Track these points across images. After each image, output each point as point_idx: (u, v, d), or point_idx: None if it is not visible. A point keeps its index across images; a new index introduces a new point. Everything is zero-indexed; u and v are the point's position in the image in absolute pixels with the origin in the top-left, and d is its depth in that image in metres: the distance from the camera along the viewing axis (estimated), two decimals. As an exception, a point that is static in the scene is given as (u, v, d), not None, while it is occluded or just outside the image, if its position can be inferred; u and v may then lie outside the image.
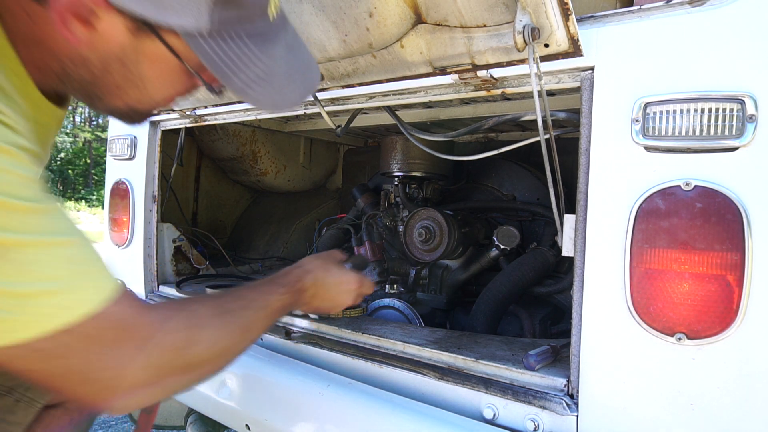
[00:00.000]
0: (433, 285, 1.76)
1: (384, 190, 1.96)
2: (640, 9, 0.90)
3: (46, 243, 0.59)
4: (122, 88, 0.73)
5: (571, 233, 0.99)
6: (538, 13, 0.83)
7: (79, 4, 0.63)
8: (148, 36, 0.67)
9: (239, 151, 2.30)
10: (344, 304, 1.10)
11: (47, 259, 0.58)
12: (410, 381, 1.16)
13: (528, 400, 0.99)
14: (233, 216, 2.68)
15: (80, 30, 0.65)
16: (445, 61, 1.02)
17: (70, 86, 0.74)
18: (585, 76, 0.96)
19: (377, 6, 0.94)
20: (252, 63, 0.70)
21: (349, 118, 1.48)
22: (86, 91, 0.74)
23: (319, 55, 1.11)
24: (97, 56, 0.68)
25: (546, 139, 0.98)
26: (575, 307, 0.96)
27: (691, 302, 0.84)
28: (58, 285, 0.59)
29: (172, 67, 0.72)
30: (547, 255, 1.57)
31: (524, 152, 1.90)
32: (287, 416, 1.21)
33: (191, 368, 0.73)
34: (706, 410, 0.83)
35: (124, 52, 0.68)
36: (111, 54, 0.68)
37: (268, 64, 0.72)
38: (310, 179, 2.67)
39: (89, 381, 0.64)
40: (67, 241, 0.61)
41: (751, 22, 0.81)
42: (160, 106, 0.80)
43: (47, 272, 0.58)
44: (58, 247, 0.60)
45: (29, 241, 0.57)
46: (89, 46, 0.67)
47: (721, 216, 0.82)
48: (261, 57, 0.71)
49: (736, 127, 0.81)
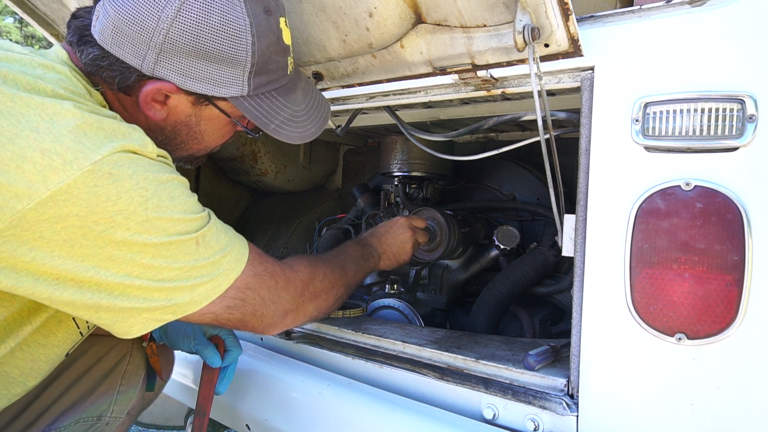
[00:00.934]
0: (433, 285, 1.76)
1: (384, 190, 1.96)
2: (640, 9, 0.90)
3: (213, 227, 0.88)
4: (187, 142, 0.99)
5: (571, 233, 0.99)
6: (538, 13, 0.83)
7: (157, 92, 0.88)
8: (206, 104, 0.93)
9: (239, 151, 2.30)
10: (407, 238, 1.39)
11: (217, 235, 0.88)
12: (410, 381, 1.16)
13: (528, 400, 0.99)
14: (233, 216, 2.68)
15: (158, 109, 0.90)
16: (445, 61, 1.02)
17: None
18: (585, 76, 0.96)
19: (377, 6, 0.94)
20: (280, 110, 0.95)
21: (349, 118, 1.48)
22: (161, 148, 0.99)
23: (319, 55, 1.11)
24: (169, 124, 0.94)
25: (546, 139, 0.98)
26: (575, 307, 0.96)
27: (691, 302, 0.84)
28: (228, 248, 0.89)
29: (222, 123, 0.98)
30: (547, 255, 1.57)
31: (524, 152, 1.90)
32: (287, 416, 1.21)
33: (316, 296, 1.06)
34: (706, 410, 0.83)
35: (189, 119, 0.94)
36: (179, 121, 0.94)
37: (292, 108, 0.97)
38: (310, 179, 2.67)
39: (259, 315, 0.95)
40: (215, 223, 0.90)
41: (751, 23, 0.81)
42: (212, 150, 1.07)
43: (221, 243, 0.88)
44: (217, 227, 0.90)
45: (206, 230, 0.86)
46: (163, 118, 0.92)
47: (721, 216, 0.82)
48: (286, 104, 0.96)
49: (736, 127, 0.81)
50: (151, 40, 0.82)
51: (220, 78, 0.87)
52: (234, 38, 0.84)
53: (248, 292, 0.92)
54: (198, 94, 0.89)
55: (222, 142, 1.05)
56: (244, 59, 0.86)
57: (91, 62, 0.86)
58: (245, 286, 0.91)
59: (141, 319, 0.82)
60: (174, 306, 0.83)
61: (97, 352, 1.18)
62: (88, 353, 1.16)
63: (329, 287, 1.08)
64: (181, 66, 0.85)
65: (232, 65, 0.86)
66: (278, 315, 0.98)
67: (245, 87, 0.89)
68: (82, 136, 0.73)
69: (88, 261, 0.74)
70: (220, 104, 0.92)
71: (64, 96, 0.77)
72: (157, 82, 0.86)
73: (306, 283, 1.02)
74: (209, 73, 0.86)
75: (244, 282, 0.91)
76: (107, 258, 0.75)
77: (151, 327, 0.83)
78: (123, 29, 0.83)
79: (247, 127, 1.00)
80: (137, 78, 0.86)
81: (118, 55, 0.84)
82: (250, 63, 0.86)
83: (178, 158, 1.03)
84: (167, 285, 0.80)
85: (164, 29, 0.81)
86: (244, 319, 0.93)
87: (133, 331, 0.82)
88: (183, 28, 0.81)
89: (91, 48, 0.86)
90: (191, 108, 0.93)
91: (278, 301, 0.97)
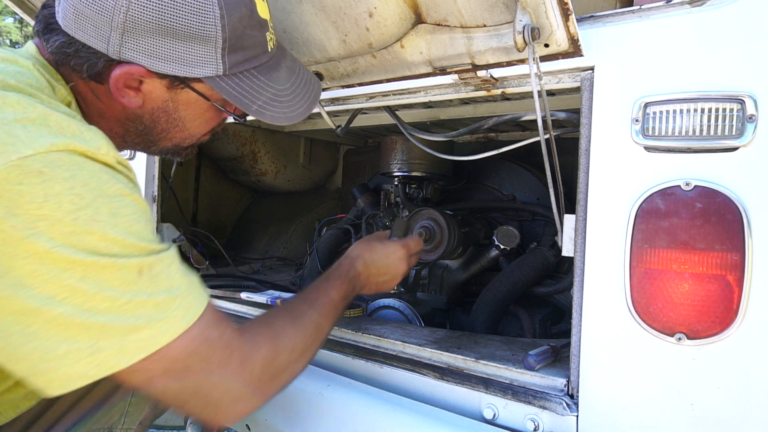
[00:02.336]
0: (433, 285, 1.76)
1: (384, 190, 1.96)
2: (640, 9, 0.90)
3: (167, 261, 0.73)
4: (169, 131, 0.92)
5: (571, 233, 0.99)
6: (538, 13, 0.83)
7: (128, 77, 0.82)
8: (181, 88, 0.86)
9: (239, 151, 2.30)
10: (401, 272, 1.22)
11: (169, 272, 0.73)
12: (410, 381, 1.16)
13: (528, 400, 0.99)
14: (233, 216, 2.68)
15: (132, 95, 0.84)
16: (445, 61, 1.02)
17: (130, 141, 0.94)
18: (585, 76, 0.96)
19: (377, 6, 0.94)
20: (263, 90, 0.88)
21: (349, 118, 1.48)
22: (142, 140, 0.93)
23: (319, 55, 1.11)
24: (147, 111, 0.88)
25: (546, 139, 0.98)
26: (575, 307, 0.96)
27: (691, 302, 0.84)
28: (180, 292, 0.73)
29: (203, 107, 0.91)
30: (547, 255, 1.57)
31: (524, 152, 1.90)
32: (287, 416, 1.21)
33: (280, 374, 0.85)
34: (706, 410, 0.83)
35: (165, 104, 0.88)
36: (156, 108, 0.88)
37: (276, 87, 0.90)
38: (310, 179, 2.67)
39: (202, 395, 0.76)
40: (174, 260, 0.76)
41: (751, 23, 0.81)
42: (200, 139, 1.00)
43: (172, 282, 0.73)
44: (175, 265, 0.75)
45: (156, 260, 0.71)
46: (140, 106, 0.86)
47: (721, 216, 0.82)
48: (269, 83, 0.89)
49: (736, 127, 0.81)
50: (112, 19, 0.76)
51: (191, 57, 0.81)
52: (200, 12, 0.78)
53: (194, 360, 0.73)
54: (171, 77, 0.83)
55: (208, 129, 0.98)
56: (213, 35, 0.80)
57: (58, 51, 0.81)
58: (191, 350, 0.72)
59: (60, 374, 0.65)
60: (98, 355, 0.65)
61: None
62: None
63: (299, 356, 0.89)
64: (148, 46, 0.79)
65: (201, 42, 0.80)
66: (227, 401, 0.78)
67: (220, 66, 0.83)
68: (18, 129, 0.65)
69: (7, 276, 0.62)
70: (196, 86, 0.86)
71: (16, 88, 0.71)
72: (125, 65, 0.80)
73: (267, 363, 0.82)
74: (178, 52, 0.80)
75: (191, 345, 0.72)
76: (29, 273, 0.63)
77: (70, 385, 0.66)
78: (83, 11, 0.77)
79: (229, 110, 0.94)
80: (106, 63, 0.80)
81: (83, 40, 0.79)
82: (221, 39, 0.80)
83: (164, 150, 0.98)
84: (94, 320, 0.65)
85: (123, 6, 0.76)
86: (182, 394, 0.74)
87: (51, 387, 0.66)
88: (143, 3, 0.76)
89: (57, 35, 0.81)
90: (167, 93, 0.86)
91: (229, 383, 0.77)
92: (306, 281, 1.94)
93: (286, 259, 2.45)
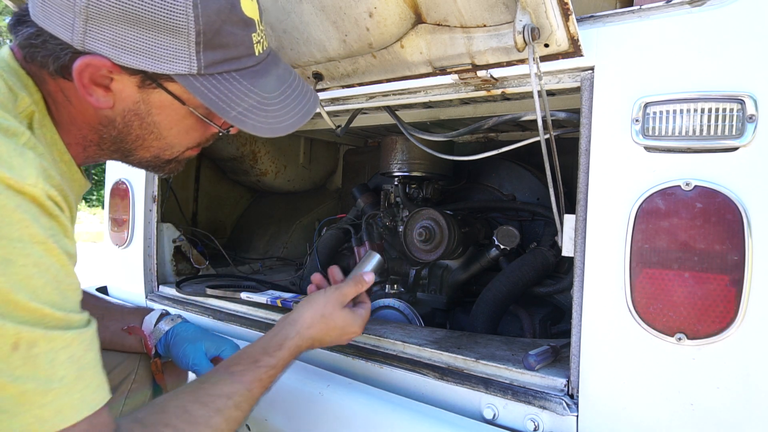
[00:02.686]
0: (433, 285, 1.76)
1: (384, 190, 1.96)
2: (640, 9, 0.90)
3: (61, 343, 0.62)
4: (144, 138, 0.84)
5: (571, 233, 0.99)
6: (538, 13, 0.83)
7: (95, 71, 0.74)
8: (153, 88, 0.78)
9: (239, 151, 2.30)
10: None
11: (55, 357, 0.61)
12: (410, 381, 1.16)
13: (528, 400, 0.99)
14: (233, 216, 2.68)
15: (101, 95, 0.76)
16: (445, 61, 1.02)
17: (107, 149, 0.86)
18: (585, 76, 0.96)
19: (377, 6, 0.94)
20: (245, 95, 0.79)
21: (349, 118, 1.48)
22: (118, 148, 0.85)
23: (319, 55, 1.11)
24: (119, 114, 0.80)
25: (546, 139, 0.98)
26: (575, 307, 0.96)
27: (691, 302, 0.84)
28: (62, 386, 0.61)
29: (180, 113, 0.82)
30: (547, 255, 1.57)
31: (524, 152, 1.90)
32: (287, 416, 1.21)
33: None
34: (706, 410, 0.83)
35: (137, 106, 0.79)
36: (128, 110, 0.80)
37: (261, 95, 0.82)
38: (310, 179, 2.67)
39: None
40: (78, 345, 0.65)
41: (751, 23, 0.81)
42: (183, 153, 0.91)
43: (56, 371, 0.61)
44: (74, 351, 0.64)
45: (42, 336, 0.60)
46: (111, 108, 0.79)
47: (721, 216, 0.82)
48: (253, 89, 0.80)
49: (736, 127, 0.81)
50: (75, 3, 0.69)
51: (160, 50, 0.72)
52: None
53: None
54: (140, 73, 0.75)
55: (191, 141, 0.89)
56: (185, 26, 0.71)
57: (26, 43, 0.75)
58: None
59: None
60: None
61: None
62: None
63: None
64: (113, 35, 0.71)
65: (171, 33, 0.72)
66: None
67: (194, 63, 0.74)
68: None
69: None
70: (168, 86, 0.78)
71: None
72: (88, 56, 0.72)
73: None
74: (146, 43, 0.72)
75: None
76: None
77: None
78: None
79: (211, 120, 0.85)
80: (72, 56, 0.72)
81: (49, 30, 0.72)
82: (193, 31, 0.72)
83: (143, 161, 0.89)
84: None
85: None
86: None
87: None
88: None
89: (27, 27, 0.75)
90: (138, 92, 0.78)
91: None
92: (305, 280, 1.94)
93: (286, 259, 2.45)
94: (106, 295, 2.01)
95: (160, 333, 1.18)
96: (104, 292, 2.03)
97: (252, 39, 0.81)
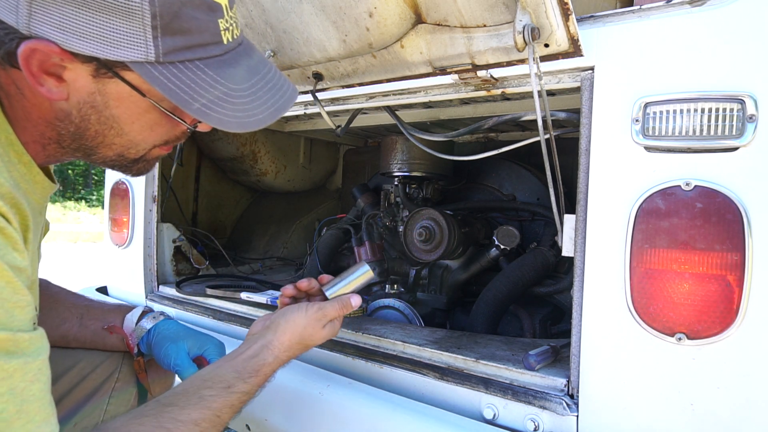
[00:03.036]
0: (433, 285, 1.76)
1: (384, 190, 1.96)
2: (640, 9, 0.90)
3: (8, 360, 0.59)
4: (104, 134, 0.76)
5: (571, 233, 0.99)
6: (538, 13, 0.83)
7: (44, 58, 0.67)
8: (108, 77, 0.70)
9: (239, 151, 2.30)
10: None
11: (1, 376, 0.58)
12: (410, 381, 1.16)
13: (528, 400, 0.99)
14: (233, 216, 2.68)
15: (53, 85, 0.69)
16: (445, 61, 1.02)
17: (67, 147, 0.78)
18: (585, 76, 0.96)
19: (377, 6, 0.94)
20: (209, 86, 0.72)
21: (349, 118, 1.48)
22: (79, 146, 0.78)
23: (319, 55, 1.11)
24: (74, 107, 0.73)
25: (546, 139, 0.98)
26: (575, 307, 0.96)
27: (691, 302, 0.84)
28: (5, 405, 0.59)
29: (141, 106, 0.75)
30: (547, 255, 1.57)
31: (524, 152, 1.91)
32: (287, 416, 1.21)
33: None
34: (706, 410, 0.83)
35: (93, 97, 0.72)
36: (83, 102, 0.72)
37: (228, 86, 0.74)
38: (310, 179, 2.67)
39: None
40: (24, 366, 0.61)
41: (751, 22, 0.81)
42: (150, 152, 0.82)
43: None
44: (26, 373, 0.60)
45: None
46: (66, 99, 0.71)
47: (721, 216, 0.82)
48: (218, 80, 0.73)
49: (736, 127, 0.81)
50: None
51: (113, 34, 0.66)
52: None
53: None
54: (93, 59, 0.68)
55: (157, 138, 0.81)
56: (138, 7, 0.65)
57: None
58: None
59: None
60: None
61: (83, 369, 1.07)
62: (73, 370, 1.06)
63: None
64: (61, 18, 0.65)
65: (124, 16, 0.65)
66: None
67: (151, 49, 0.67)
68: None
69: None
70: (125, 75, 0.70)
71: None
72: (33, 41, 0.66)
73: None
74: (97, 26, 0.65)
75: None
76: None
77: None
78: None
79: (177, 115, 0.78)
80: (18, 42, 0.66)
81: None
82: (148, 13, 0.66)
83: (107, 160, 0.81)
84: None
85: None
86: None
87: None
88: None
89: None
90: (92, 82, 0.71)
91: None
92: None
93: (286, 259, 2.45)
94: (105, 295, 2.01)
95: (142, 331, 1.13)
96: (104, 292, 2.03)
97: (218, 25, 0.74)
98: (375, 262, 1.75)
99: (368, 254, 1.76)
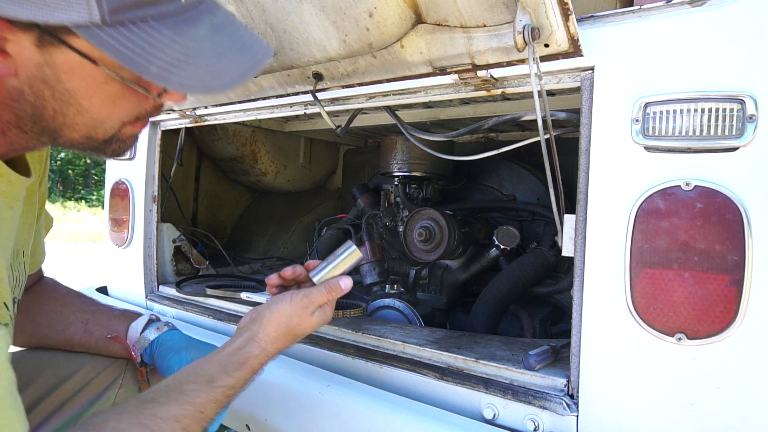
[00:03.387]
0: (433, 285, 1.76)
1: (384, 190, 1.96)
2: (640, 9, 0.90)
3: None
4: (63, 113, 0.69)
5: (571, 233, 0.99)
6: (538, 13, 0.83)
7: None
8: (54, 45, 0.63)
9: (239, 151, 2.30)
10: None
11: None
12: (410, 381, 1.16)
13: (528, 400, 0.99)
14: (233, 216, 2.68)
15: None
16: (445, 61, 1.02)
17: (30, 131, 0.72)
18: (585, 76, 0.96)
19: (377, 6, 0.94)
20: (166, 47, 0.65)
21: (349, 118, 1.48)
22: (42, 129, 0.71)
23: (319, 55, 1.11)
24: (25, 83, 0.66)
25: (546, 139, 0.98)
26: (575, 307, 0.96)
27: (691, 302, 0.84)
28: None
29: (97, 78, 0.68)
30: (547, 255, 1.57)
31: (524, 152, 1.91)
32: (287, 416, 1.21)
33: None
34: (706, 410, 0.83)
35: (42, 70, 0.65)
36: (33, 76, 0.66)
37: (189, 45, 0.66)
38: (310, 179, 2.68)
39: None
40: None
41: (751, 22, 0.81)
42: (121, 130, 0.75)
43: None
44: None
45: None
46: (15, 75, 0.65)
47: (721, 216, 0.82)
48: (175, 39, 0.65)
49: (736, 127, 0.81)
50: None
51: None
52: None
53: None
54: (33, 26, 0.61)
55: (122, 113, 0.74)
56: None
57: None
58: None
59: None
60: None
61: (87, 374, 1.06)
62: (77, 374, 1.05)
63: None
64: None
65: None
66: None
67: (94, 8, 0.59)
68: None
69: None
70: (72, 42, 0.63)
71: None
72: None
73: None
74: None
75: None
76: None
77: None
78: None
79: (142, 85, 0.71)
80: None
81: None
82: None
83: (75, 142, 0.74)
84: None
85: None
86: None
87: None
88: None
89: None
90: (38, 53, 0.63)
91: None
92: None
93: (286, 259, 2.45)
94: (105, 295, 2.01)
95: (146, 342, 1.11)
96: (104, 293, 2.03)
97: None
98: (375, 262, 1.75)
99: (368, 254, 1.76)
